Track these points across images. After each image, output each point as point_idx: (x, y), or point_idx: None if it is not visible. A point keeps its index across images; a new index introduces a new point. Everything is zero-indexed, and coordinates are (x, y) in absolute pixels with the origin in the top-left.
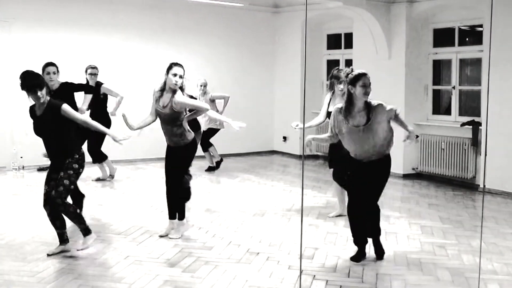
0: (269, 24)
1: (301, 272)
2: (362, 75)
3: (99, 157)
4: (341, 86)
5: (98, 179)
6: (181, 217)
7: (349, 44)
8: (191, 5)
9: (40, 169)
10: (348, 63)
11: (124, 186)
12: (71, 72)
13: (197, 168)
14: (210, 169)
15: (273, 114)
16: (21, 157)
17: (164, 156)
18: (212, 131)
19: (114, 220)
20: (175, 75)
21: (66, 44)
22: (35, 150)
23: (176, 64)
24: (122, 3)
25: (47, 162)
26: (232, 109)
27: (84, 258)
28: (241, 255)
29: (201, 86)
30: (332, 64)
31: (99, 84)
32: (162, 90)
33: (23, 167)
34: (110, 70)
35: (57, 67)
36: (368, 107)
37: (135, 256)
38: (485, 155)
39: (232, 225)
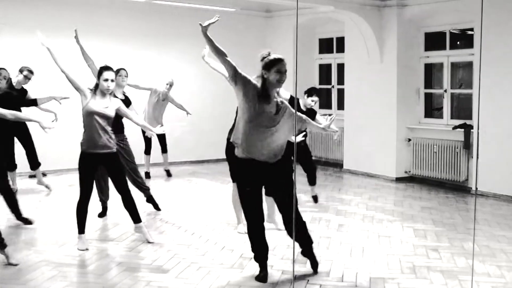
0: (260, 28)
1: (294, 277)
2: (278, 60)
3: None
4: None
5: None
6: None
7: (341, 48)
8: (183, 10)
9: (32, 176)
10: (340, 67)
11: (116, 192)
12: (61, 77)
13: (189, 174)
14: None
15: None
16: None
17: (156, 161)
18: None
19: (106, 226)
20: (106, 80)
21: (57, 49)
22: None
23: (106, 68)
24: (113, 8)
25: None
26: (225, 114)
27: (76, 265)
28: (234, 260)
29: (167, 84)
30: (324, 68)
31: (25, 92)
32: (95, 93)
33: None
34: None
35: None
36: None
37: (127, 263)
38: (477, 157)
39: (225, 230)
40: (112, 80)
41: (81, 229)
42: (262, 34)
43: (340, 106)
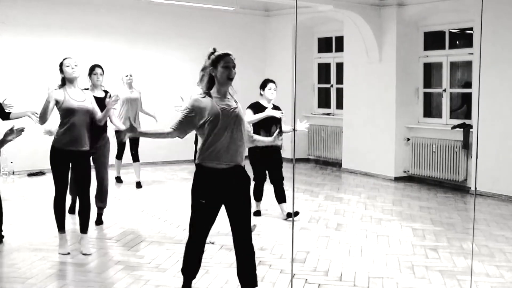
0: (259, 27)
1: (293, 276)
2: (225, 55)
3: None
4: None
5: None
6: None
7: (339, 48)
8: (182, 9)
9: (31, 175)
10: (339, 66)
11: (115, 191)
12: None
13: (187, 172)
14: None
15: None
16: (11, 162)
17: (154, 160)
18: None
19: (105, 225)
20: (68, 66)
21: (55, 48)
22: (26, 155)
23: (66, 58)
24: (112, 7)
25: (37, 167)
26: None
27: (75, 264)
28: (233, 259)
29: (127, 76)
30: (323, 67)
31: None
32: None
33: (13, 172)
34: None
35: None
36: (231, 96)
37: (126, 262)
38: (476, 157)
39: (223, 230)
40: (75, 65)
41: (62, 227)
42: (261, 33)
43: (339, 105)
